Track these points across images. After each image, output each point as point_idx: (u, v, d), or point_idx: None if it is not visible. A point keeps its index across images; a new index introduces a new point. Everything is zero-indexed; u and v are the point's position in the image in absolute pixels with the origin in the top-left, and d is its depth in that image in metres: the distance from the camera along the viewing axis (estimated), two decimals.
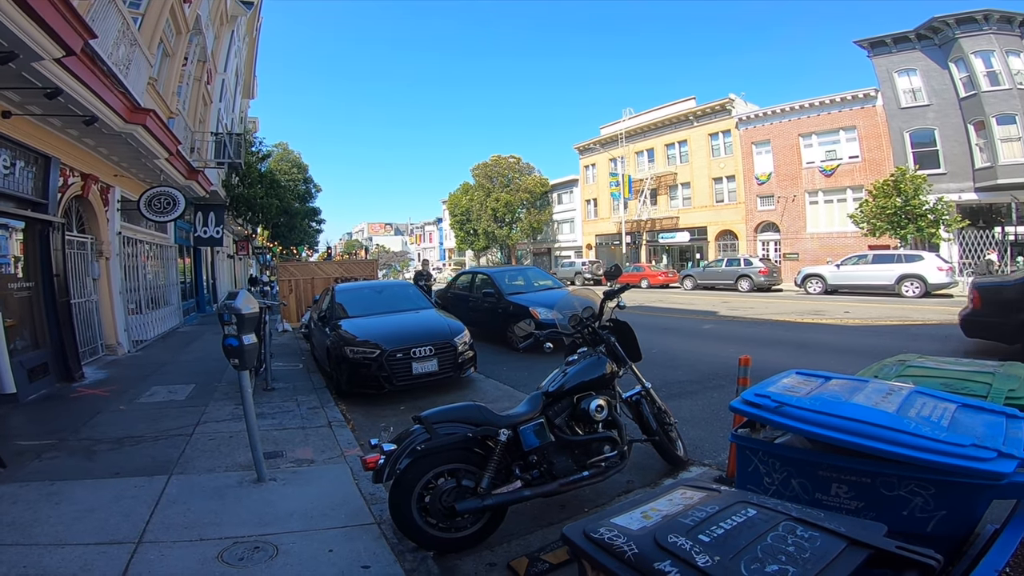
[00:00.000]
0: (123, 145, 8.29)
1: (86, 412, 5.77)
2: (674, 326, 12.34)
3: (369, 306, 8.01)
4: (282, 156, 38.48)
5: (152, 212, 10.22)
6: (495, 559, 3.03)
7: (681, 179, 33.92)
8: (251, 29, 26.38)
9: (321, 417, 5.66)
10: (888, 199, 20.81)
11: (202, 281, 18.96)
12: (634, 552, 1.36)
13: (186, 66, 13.34)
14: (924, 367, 2.92)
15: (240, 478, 3.98)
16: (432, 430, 3.09)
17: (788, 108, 28.16)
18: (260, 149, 24.59)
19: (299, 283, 14.84)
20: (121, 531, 3.15)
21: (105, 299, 9.35)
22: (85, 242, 8.87)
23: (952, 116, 22.74)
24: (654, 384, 4.31)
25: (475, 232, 46.79)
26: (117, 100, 7.11)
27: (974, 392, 2.52)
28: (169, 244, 14.19)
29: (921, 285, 17.17)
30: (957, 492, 1.80)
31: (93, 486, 3.82)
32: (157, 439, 4.88)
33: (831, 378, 2.42)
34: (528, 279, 11.53)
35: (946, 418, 1.96)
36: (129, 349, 9.83)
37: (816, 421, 1.97)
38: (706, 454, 4.46)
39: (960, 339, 7.99)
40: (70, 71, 5.68)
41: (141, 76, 8.59)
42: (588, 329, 4.06)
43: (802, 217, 27.86)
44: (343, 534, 3.18)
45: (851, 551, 1.33)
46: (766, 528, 1.42)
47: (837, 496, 2.00)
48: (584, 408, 3.52)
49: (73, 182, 8.10)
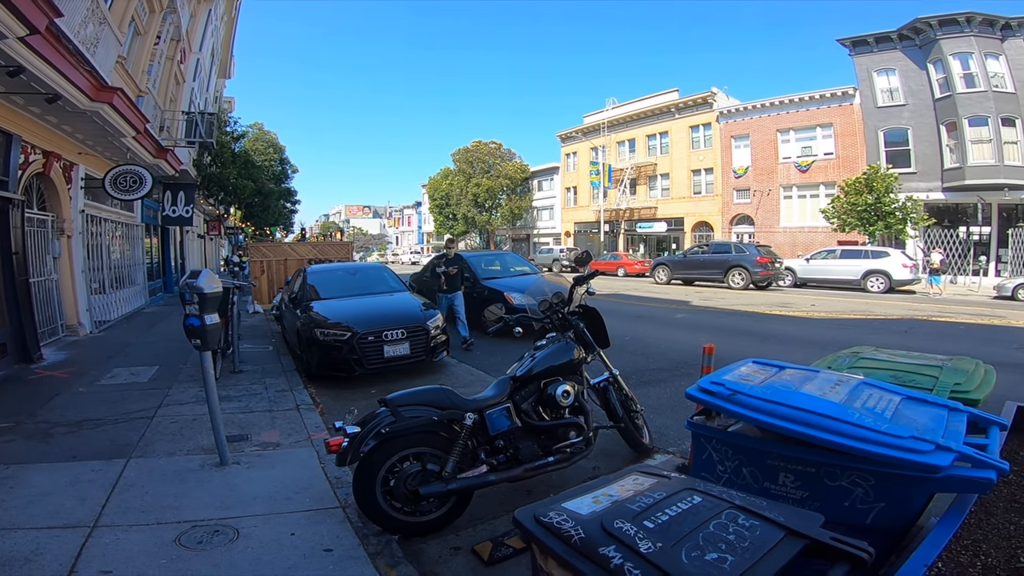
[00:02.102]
0: (88, 123, 8.04)
1: (44, 394, 5.61)
2: (647, 314, 12.50)
3: (342, 288, 7.91)
4: (258, 136, 37.55)
5: (117, 190, 9.89)
6: (460, 543, 3.05)
7: (661, 170, 34.17)
8: (230, 8, 25.58)
9: (289, 400, 5.60)
10: (859, 196, 21.28)
11: (170, 261, 18.50)
12: (581, 536, 1.38)
13: (159, 45, 12.97)
14: (876, 359, 3.01)
15: (202, 461, 3.92)
16: (398, 413, 3.08)
17: (768, 103, 28.49)
18: (235, 129, 23.96)
19: (272, 264, 14.57)
20: (76, 515, 3.09)
21: (66, 278, 9.06)
22: (46, 220, 8.57)
23: (926, 116, 23.22)
24: (624, 371, 4.36)
25: (454, 217, 46.48)
26: (83, 79, 6.88)
27: (921, 385, 2.59)
28: (135, 223, 13.80)
29: (886, 280, 17.68)
30: (895, 484, 1.84)
31: (49, 470, 3.73)
32: (117, 422, 4.77)
33: (785, 368, 2.48)
34: (504, 264, 11.54)
35: (890, 410, 2.01)
36: (91, 330, 9.56)
37: (766, 410, 2.01)
38: (671, 442, 4.54)
39: (917, 334, 8.27)
40: (34, 50, 5.47)
41: (110, 54, 8.31)
42: (558, 315, 4.08)
43: (776, 211, 28.34)
44: (307, 517, 3.17)
45: (788, 541, 1.36)
46: (709, 515, 1.45)
47: (784, 485, 2.05)
48: (551, 393, 3.54)
49: (35, 159, 7.83)
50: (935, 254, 19.07)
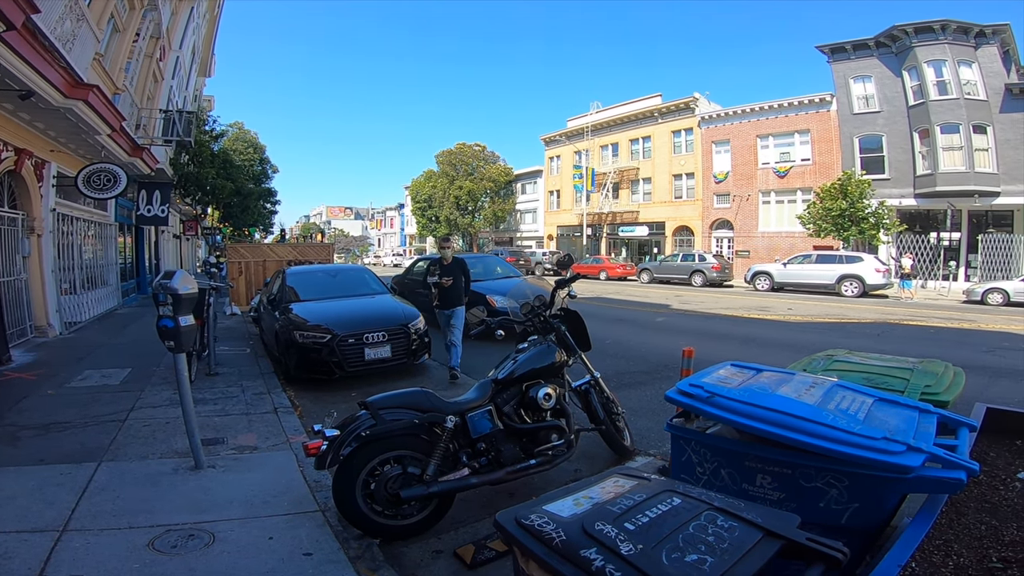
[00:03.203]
0: (62, 120, 7.85)
1: (11, 397, 5.44)
2: (629, 318, 12.59)
3: (322, 290, 7.83)
4: (238, 136, 36.89)
5: (91, 189, 9.66)
6: (442, 546, 3.04)
7: (643, 174, 34.46)
8: (213, 7, 25.23)
9: (267, 403, 5.52)
10: (834, 202, 21.72)
11: (144, 261, 18.11)
12: (562, 539, 1.38)
13: (137, 42, 12.74)
14: (849, 362, 3.08)
15: (176, 465, 3.84)
16: (378, 416, 3.06)
17: (748, 109, 28.94)
18: (214, 128, 23.53)
19: (250, 265, 14.34)
20: (44, 519, 3.00)
21: (36, 278, 8.80)
22: (16, 218, 8.32)
23: (900, 123, 23.70)
24: (605, 374, 4.39)
25: (437, 219, 46.23)
26: (57, 75, 6.72)
27: (893, 387, 2.66)
28: (109, 222, 13.47)
29: (860, 285, 18.09)
30: (868, 484, 1.88)
31: (15, 473, 3.61)
32: (87, 425, 4.64)
33: (762, 371, 2.52)
34: (487, 267, 11.50)
35: (863, 411, 2.06)
36: (61, 331, 9.30)
37: (743, 412, 2.04)
38: (652, 444, 4.58)
39: (890, 337, 8.48)
40: (8, 45, 5.35)
41: (87, 51, 8.15)
42: (539, 318, 4.09)
43: (755, 216, 28.79)
44: (285, 521, 3.12)
45: (766, 542, 1.38)
46: (689, 517, 1.47)
47: (762, 487, 2.09)
48: (532, 396, 3.55)
49: (6, 156, 7.62)
50: (906, 259, 19.55)
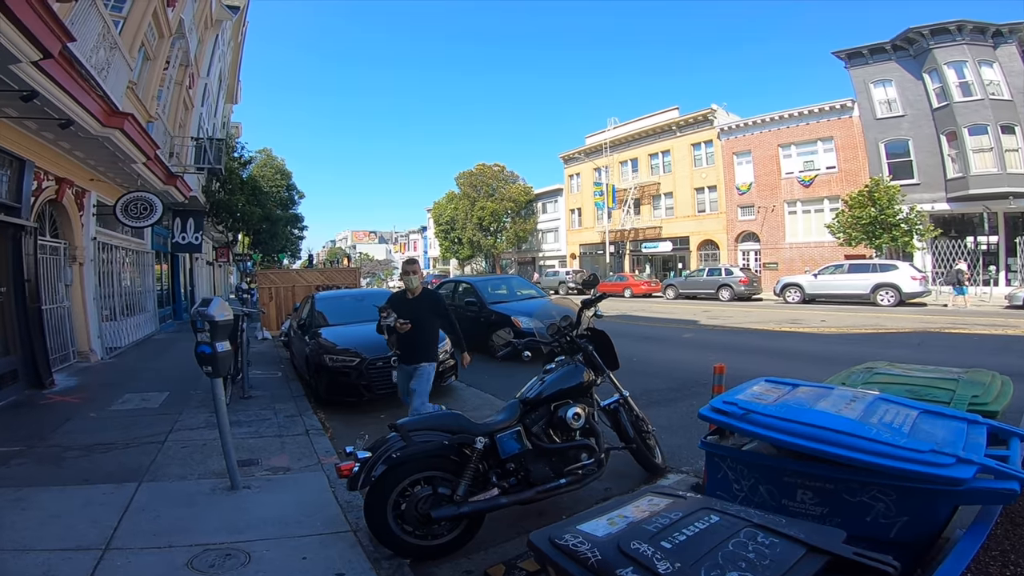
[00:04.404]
0: (100, 149, 8.15)
1: (56, 419, 5.63)
2: (655, 335, 12.44)
3: (350, 314, 7.92)
4: (265, 162, 38.06)
5: (128, 217, 10.04)
6: (472, 567, 3.02)
7: (664, 189, 34.28)
8: (236, 34, 26.12)
9: (299, 425, 5.59)
10: (863, 209, 21.24)
11: (179, 288, 18.64)
12: (597, 558, 1.37)
13: (168, 70, 13.15)
14: (891, 374, 2.98)
15: (213, 485, 3.91)
16: (408, 437, 3.08)
17: (768, 119, 28.66)
18: (242, 154, 24.31)
19: (279, 291, 14.67)
20: (88, 537, 3.08)
21: (78, 305, 9.15)
22: (58, 247, 8.69)
23: (925, 127, 23.20)
24: (633, 392, 4.34)
25: (460, 241, 46.65)
26: (95, 104, 6.99)
27: (938, 399, 2.57)
28: (146, 250, 13.95)
29: (896, 294, 17.55)
30: (917, 498, 1.82)
31: (60, 493, 3.73)
32: (128, 446, 4.77)
33: (798, 385, 2.46)
34: (511, 288, 11.54)
35: (907, 424, 2.00)
36: (102, 356, 9.61)
37: (781, 428, 2.00)
38: (684, 461, 4.49)
39: (931, 347, 8.19)
40: (47, 74, 5.57)
41: (120, 80, 8.45)
42: (566, 338, 4.07)
43: (781, 227, 28.31)
44: (318, 541, 3.14)
45: (810, 557, 1.35)
46: (728, 534, 1.44)
47: (803, 502, 2.03)
48: (561, 416, 3.53)
49: (47, 186, 7.94)
50: (960, 265, 18.80)
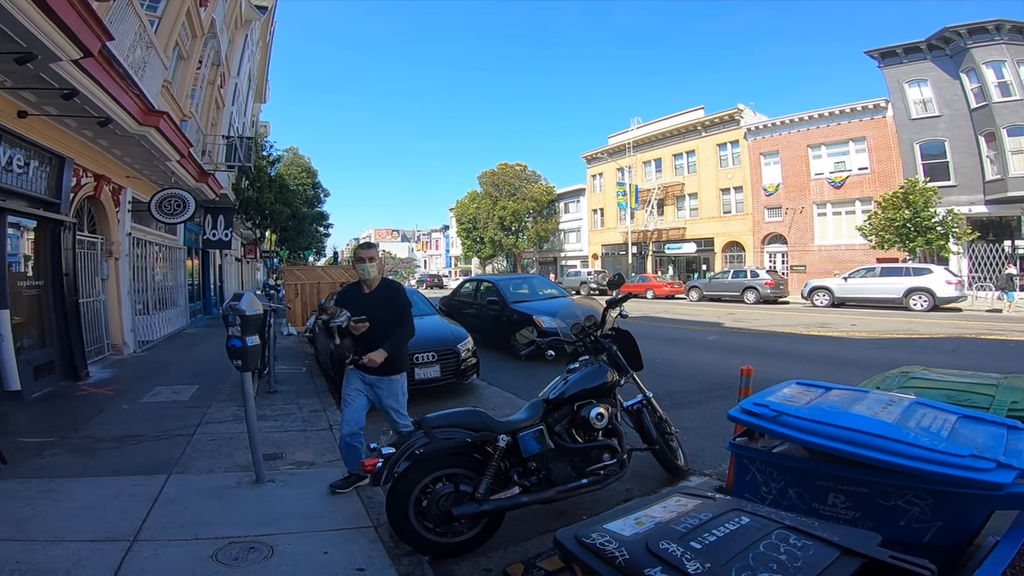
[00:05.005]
0: (136, 147, 8.37)
1: (89, 411, 5.80)
2: (679, 337, 12.28)
3: None
4: (292, 161, 38.80)
5: (162, 214, 10.32)
6: (491, 565, 3.01)
7: (688, 189, 33.86)
8: (264, 34, 26.65)
9: (323, 420, 5.66)
10: (897, 211, 20.66)
11: (209, 283, 19.08)
12: (625, 558, 1.35)
13: (200, 69, 13.45)
14: (927, 379, 2.89)
15: (239, 479, 3.98)
16: (431, 434, 3.09)
17: (797, 119, 28.07)
18: (271, 153, 24.81)
19: (305, 287, 14.89)
20: (117, 529, 3.15)
21: (113, 299, 9.42)
22: (95, 242, 8.96)
23: (963, 127, 22.51)
24: (657, 393, 4.29)
25: (481, 240, 46.79)
26: (132, 102, 7.17)
27: (976, 404, 2.49)
28: (178, 246, 14.31)
29: (929, 298, 17.02)
30: (955, 502, 1.77)
31: (92, 484, 3.83)
32: (158, 439, 4.89)
33: (831, 389, 2.40)
34: (533, 288, 11.52)
35: (946, 429, 1.94)
36: (135, 349, 9.88)
37: (814, 431, 1.96)
38: (707, 464, 4.43)
39: (966, 352, 7.92)
40: (87, 72, 5.71)
41: (156, 78, 8.66)
42: (590, 337, 4.04)
43: (810, 229, 27.71)
44: (339, 536, 3.17)
45: (844, 560, 1.31)
46: (759, 536, 1.40)
47: (834, 506, 1.98)
48: (584, 416, 3.51)
49: (86, 182, 8.19)
50: (1010, 269, 18.18)
